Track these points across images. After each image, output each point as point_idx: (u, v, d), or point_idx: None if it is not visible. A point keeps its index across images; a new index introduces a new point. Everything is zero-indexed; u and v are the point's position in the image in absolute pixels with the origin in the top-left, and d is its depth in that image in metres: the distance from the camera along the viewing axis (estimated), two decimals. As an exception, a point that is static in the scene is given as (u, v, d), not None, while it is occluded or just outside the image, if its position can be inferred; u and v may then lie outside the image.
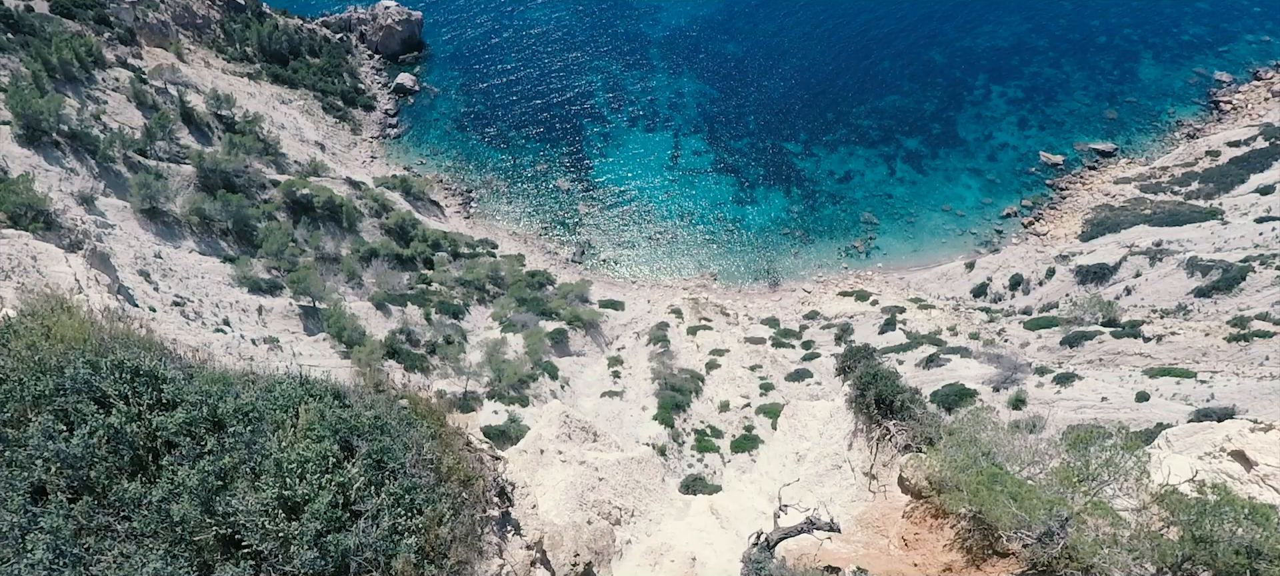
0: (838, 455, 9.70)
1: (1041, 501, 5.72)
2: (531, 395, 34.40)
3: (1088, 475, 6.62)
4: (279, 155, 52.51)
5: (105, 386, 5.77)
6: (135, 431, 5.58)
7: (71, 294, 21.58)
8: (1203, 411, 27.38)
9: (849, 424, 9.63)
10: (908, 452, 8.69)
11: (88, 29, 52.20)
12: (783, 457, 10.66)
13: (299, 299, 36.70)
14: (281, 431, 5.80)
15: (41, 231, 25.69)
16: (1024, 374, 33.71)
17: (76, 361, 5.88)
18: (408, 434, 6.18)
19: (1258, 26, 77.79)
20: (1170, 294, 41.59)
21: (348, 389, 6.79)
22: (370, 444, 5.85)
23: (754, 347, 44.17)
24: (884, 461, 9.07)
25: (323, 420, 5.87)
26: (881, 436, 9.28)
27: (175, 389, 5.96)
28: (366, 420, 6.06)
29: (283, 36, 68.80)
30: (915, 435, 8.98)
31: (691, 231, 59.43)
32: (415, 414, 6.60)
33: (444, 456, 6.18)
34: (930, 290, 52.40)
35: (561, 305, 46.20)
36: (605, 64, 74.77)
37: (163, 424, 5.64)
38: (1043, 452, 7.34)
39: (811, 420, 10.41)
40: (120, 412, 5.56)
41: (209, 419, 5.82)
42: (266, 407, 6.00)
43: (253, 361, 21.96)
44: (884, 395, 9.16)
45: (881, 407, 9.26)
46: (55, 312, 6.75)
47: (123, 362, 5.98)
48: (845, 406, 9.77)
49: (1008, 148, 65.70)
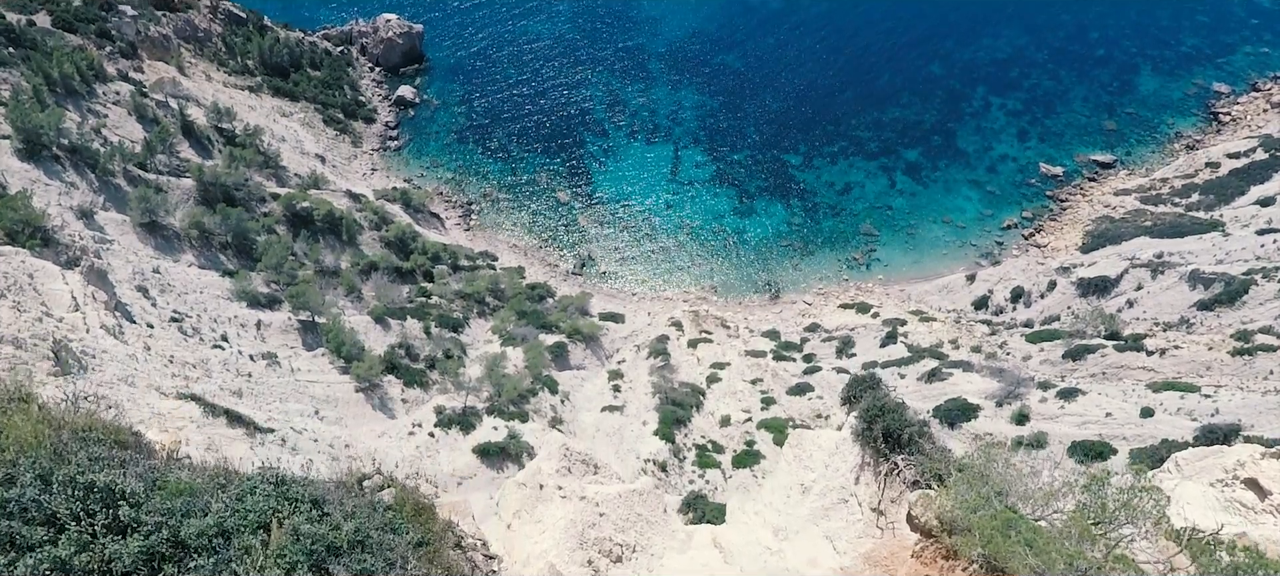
0: (844, 489, 9.53)
1: (1060, 553, 5.54)
2: (531, 410, 34.17)
3: (1105, 518, 6.44)
4: (279, 168, 52.51)
5: (56, 505, 5.26)
6: (86, 562, 5.04)
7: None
8: (1209, 428, 27.15)
9: (855, 456, 9.46)
10: (917, 489, 8.51)
11: (89, 43, 52.33)
12: (787, 488, 10.48)
13: (298, 313, 36.54)
14: (250, 555, 5.28)
15: (39, 248, 25.57)
16: (1027, 388, 33.48)
17: (27, 475, 5.40)
18: (391, 546, 5.74)
19: (1255, 38, 78.10)
20: (1172, 307, 41.42)
21: (329, 487, 6.33)
22: (349, 569, 5.38)
23: (755, 361, 43.96)
24: (892, 497, 8.89)
25: (296, 540, 5.39)
26: (889, 471, 9.10)
27: (133, 511, 5.42)
28: (346, 534, 5.61)
29: (284, 49, 69.00)
30: (924, 470, 8.81)
31: (692, 243, 59.36)
32: (401, 516, 6.19)
33: (431, 571, 5.78)
34: (931, 302, 52.24)
35: (562, 318, 46.04)
36: (605, 77, 74.97)
37: (117, 553, 5.12)
38: (1057, 492, 7.17)
39: (817, 450, 10.24)
40: (71, 540, 5.05)
41: (170, 541, 5.31)
42: (236, 524, 5.52)
43: (250, 378, 21.72)
44: (892, 429, 8.98)
45: (889, 441, 9.09)
46: (8, 410, 6.30)
47: (76, 478, 5.49)
48: (851, 438, 9.60)
49: (1007, 159, 65.77)
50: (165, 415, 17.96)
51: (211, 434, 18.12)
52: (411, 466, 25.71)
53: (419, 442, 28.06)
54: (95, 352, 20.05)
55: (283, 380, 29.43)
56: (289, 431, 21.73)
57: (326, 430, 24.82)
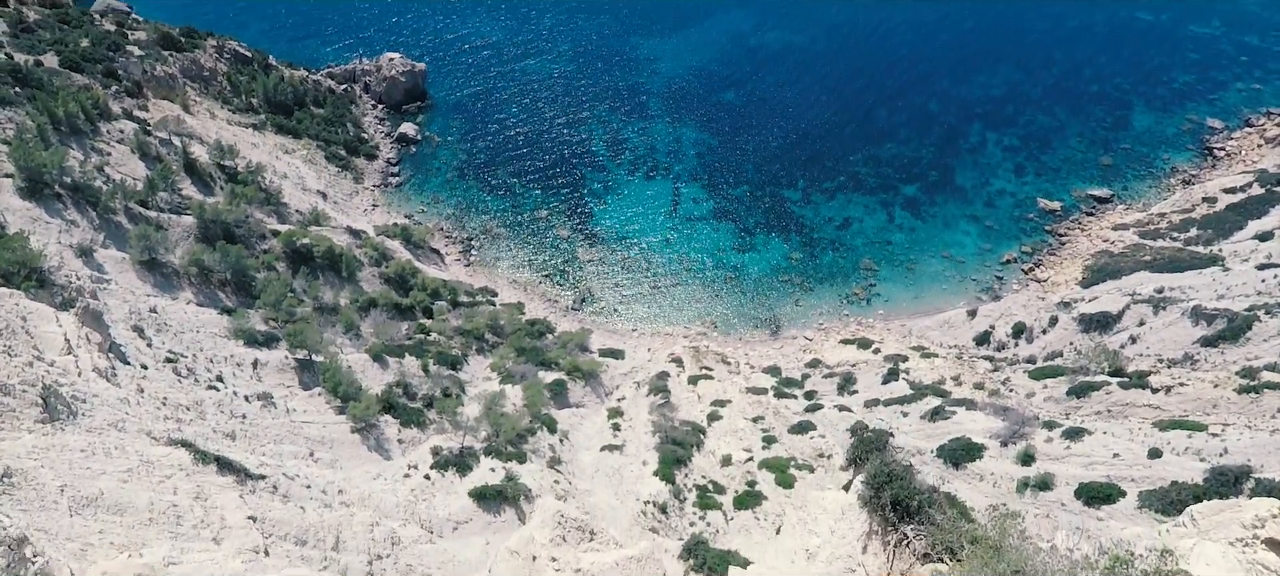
0: (851, 558, 9.17)
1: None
2: (530, 450, 33.64)
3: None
4: (281, 205, 52.68)
5: None
6: None
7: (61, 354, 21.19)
8: (1219, 471, 26.67)
9: (863, 524, 9.14)
10: (928, 562, 8.19)
11: (96, 82, 52.96)
12: (792, 553, 10.14)
13: (295, 352, 36.24)
14: None
15: (35, 290, 25.42)
16: (1032, 427, 33.03)
17: None
18: None
19: (1246, 75, 79.26)
20: (1176, 343, 41.13)
21: None
22: None
23: (756, 398, 43.49)
24: (902, 570, 8.55)
25: None
26: (898, 541, 8.78)
27: None
28: None
29: (288, 88, 69.89)
30: (935, 542, 8.49)
31: (692, 278, 59.29)
32: None
33: None
34: (932, 338, 51.94)
35: (561, 355, 45.68)
36: (606, 114, 75.85)
37: None
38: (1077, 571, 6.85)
39: (822, 513, 9.91)
40: None
41: None
42: None
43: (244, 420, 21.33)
44: (901, 497, 8.66)
45: (898, 509, 8.77)
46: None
47: None
48: (858, 504, 9.29)
49: (1005, 194, 66.12)
50: (154, 462, 17.57)
51: (201, 482, 17.72)
52: (407, 511, 25.18)
53: (414, 485, 27.53)
54: (86, 397, 19.74)
55: (277, 421, 29.02)
56: (281, 477, 21.29)
57: (320, 474, 24.35)
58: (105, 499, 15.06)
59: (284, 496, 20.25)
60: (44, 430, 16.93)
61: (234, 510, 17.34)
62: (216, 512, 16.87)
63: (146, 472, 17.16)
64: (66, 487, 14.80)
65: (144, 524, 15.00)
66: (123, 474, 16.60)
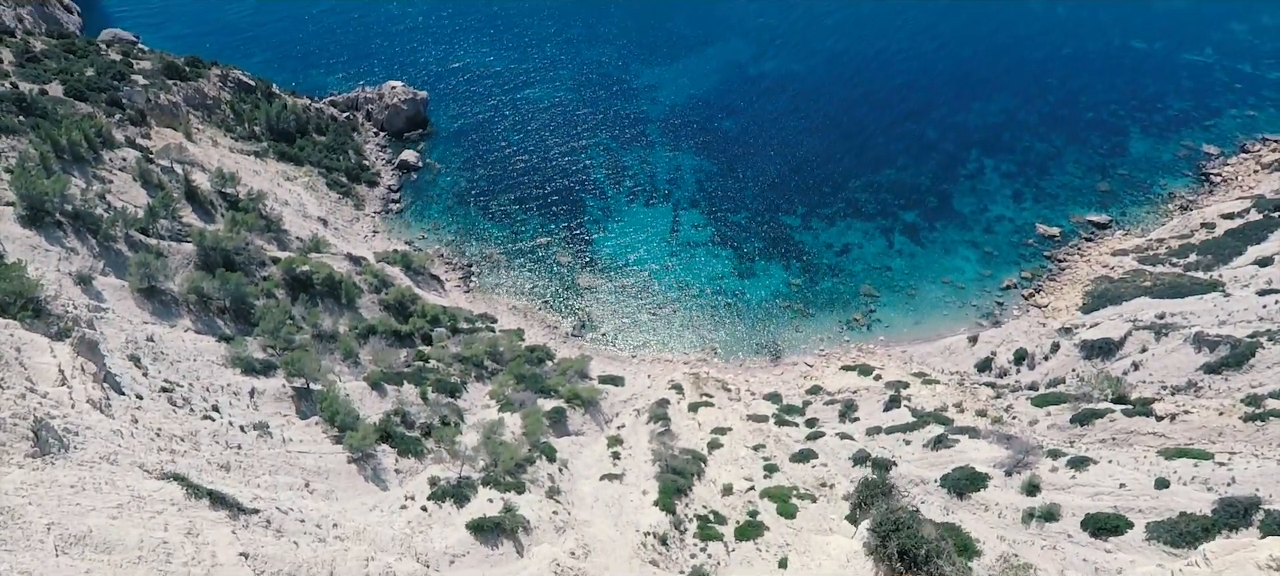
0: (856, 606, 8.94)
1: None
2: (528, 480, 33.21)
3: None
4: (281, 231, 52.79)
5: None
6: None
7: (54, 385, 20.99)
8: (1228, 502, 26.29)
9: (868, 573, 8.91)
10: (934, 612, 7.98)
11: (99, 111, 53.43)
12: (795, 598, 9.86)
13: (293, 380, 35.98)
14: None
15: (30, 320, 25.29)
16: (1036, 456, 32.64)
17: None
18: None
19: (1241, 101, 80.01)
20: (1179, 370, 40.84)
21: None
22: None
23: (757, 425, 43.11)
24: (908, 621, 8.33)
25: None
26: (905, 591, 8.55)
27: None
28: None
29: (290, 116, 70.50)
30: (942, 591, 8.28)
31: (692, 305, 59.18)
32: None
33: None
34: (933, 364, 51.65)
35: (560, 382, 45.37)
36: (606, 141, 76.41)
37: None
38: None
39: (826, 559, 9.67)
40: None
41: None
42: None
43: (240, 451, 21.12)
44: (908, 547, 8.47)
45: (905, 560, 8.56)
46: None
47: None
48: (864, 552, 9.07)
49: (1004, 220, 66.31)
50: (146, 497, 17.28)
51: (193, 517, 17.42)
52: (403, 544, 24.76)
53: (411, 517, 27.11)
54: (78, 429, 19.51)
55: (273, 451, 28.68)
56: (274, 511, 20.95)
57: (315, 507, 23.98)
58: (93, 536, 14.78)
59: (277, 531, 19.90)
60: (34, 464, 16.69)
61: (226, 547, 17.02)
62: (208, 549, 16.55)
63: (137, 508, 16.88)
64: (53, 526, 14.53)
65: (133, 562, 14.71)
66: (113, 510, 16.32)
